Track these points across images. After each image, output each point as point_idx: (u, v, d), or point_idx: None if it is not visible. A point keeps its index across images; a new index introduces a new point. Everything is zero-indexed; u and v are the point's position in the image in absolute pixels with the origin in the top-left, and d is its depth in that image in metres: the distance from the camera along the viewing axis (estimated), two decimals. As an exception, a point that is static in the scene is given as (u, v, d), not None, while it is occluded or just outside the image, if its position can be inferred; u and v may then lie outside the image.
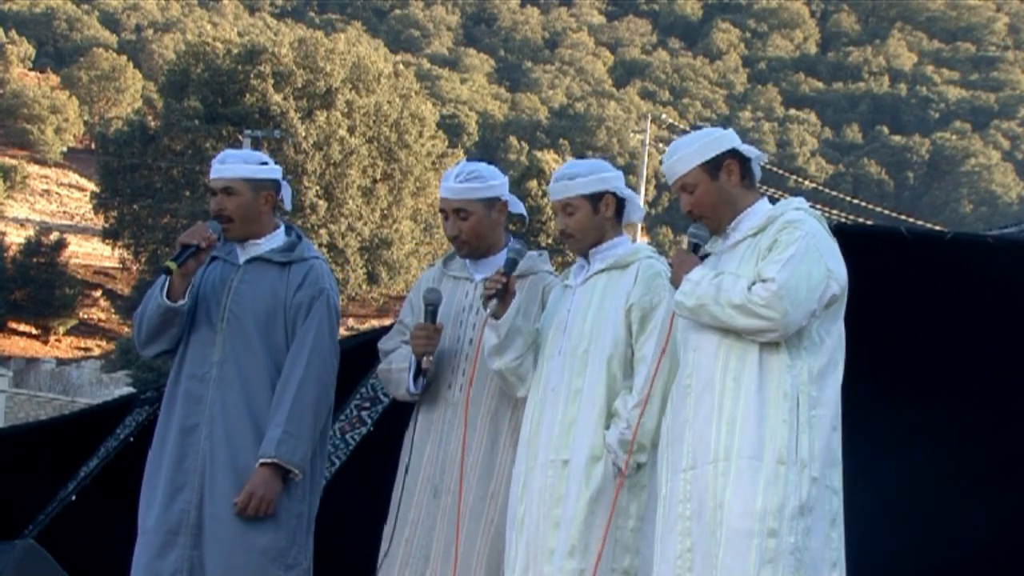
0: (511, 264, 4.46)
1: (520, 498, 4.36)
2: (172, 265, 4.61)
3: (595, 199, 4.45)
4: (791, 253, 3.91)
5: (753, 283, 3.90)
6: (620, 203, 4.51)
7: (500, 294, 4.38)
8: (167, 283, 4.66)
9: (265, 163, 4.85)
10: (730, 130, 4.22)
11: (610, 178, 4.49)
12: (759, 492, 3.83)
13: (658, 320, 4.28)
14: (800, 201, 4.16)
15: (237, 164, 4.78)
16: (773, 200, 4.23)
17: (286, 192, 4.88)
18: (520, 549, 4.31)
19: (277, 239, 4.83)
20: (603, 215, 4.47)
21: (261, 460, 4.57)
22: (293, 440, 4.57)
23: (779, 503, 3.82)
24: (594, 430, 4.28)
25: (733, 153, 4.12)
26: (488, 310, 4.38)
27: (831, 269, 3.97)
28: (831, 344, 4.01)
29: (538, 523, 4.28)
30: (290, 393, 4.61)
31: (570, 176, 4.47)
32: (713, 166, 4.10)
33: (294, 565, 4.66)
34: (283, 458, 4.56)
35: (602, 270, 4.46)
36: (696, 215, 4.14)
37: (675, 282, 4.05)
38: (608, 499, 4.20)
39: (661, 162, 4.23)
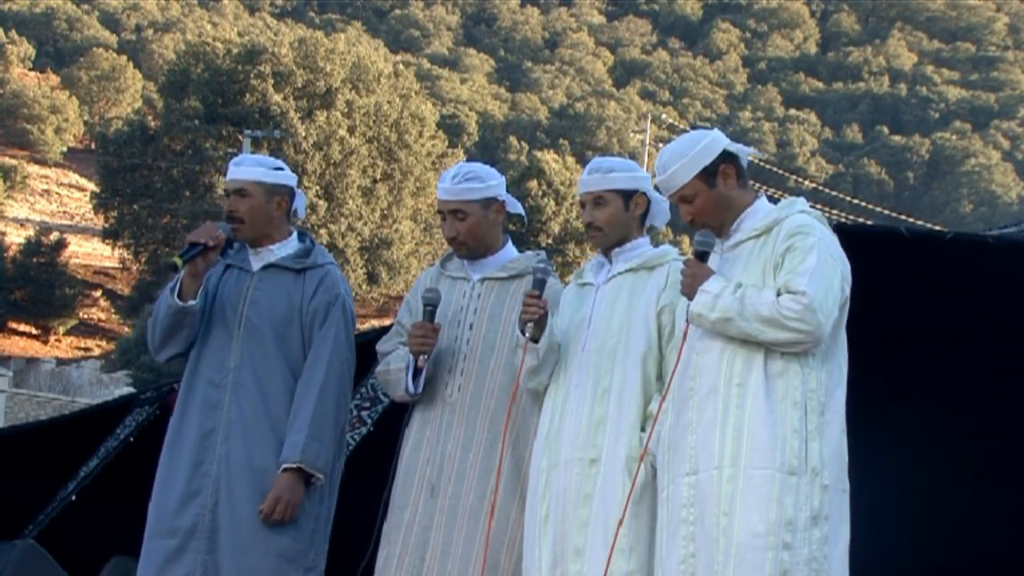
0: (541, 284, 4.41)
1: (542, 496, 4.33)
2: (177, 260, 4.62)
3: (627, 196, 4.45)
4: (813, 263, 3.89)
5: (778, 293, 3.88)
6: (647, 205, 4.51)
7: (541, 318, 4.35)
8: (178, 283, 4.68)
9: (281, 169, 4.88)
10: (716, 131, 4.19)
11: (643, 178, 4.50)
12: (772, 504, 3.81)
13: (683, 321, 4.24)
14: (802, 202, 4.15)
15: (252, 167, 4.83)
16: (773, 200, 4.22)
17: (300, 200, 4.92)
18: (545, 548, 4.28)
19: (291, 245, 4.86)
20: (632, 213, 4.47)
21: (285, 465, 4.59)
22: (317, 445, 4.60)
23: (792, 515, 3.81)
24: (630, 430, 4.24)
25: (725, 156, 4.11)
26: (527, 335, 4.35)
27: (844, 274, 3.97)
28: (837, 348, 4.01)
29: (563, 521, 4.25)
30: (311, 398, 4.63)
31: (606, 169, 4.47)
32: (709, 174, 4.08)
33: (312, 568, 4.69)
34: (308, 462, 4.59)
35: (627, 270, 4.44)
36: (698, 224, 4.12)
37: (689, 293, 4.02)
38: (649, 500, 4.17)
39: (654, 174, 4.22)
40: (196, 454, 4.68)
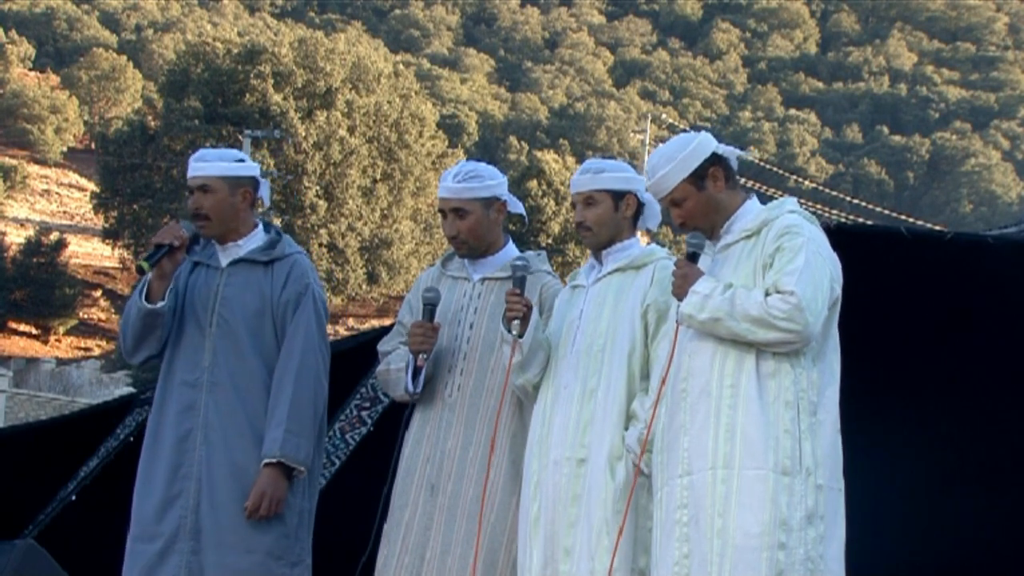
0: (521, 282, 4.45)
1: (533, 497, 4.35)
2: (145, 264, 4.61)
3: (618, 196, 4.47)
4: (802, 262, 3.89)
5: (767, 294, 3.89)
6: (639, 207, 4.52)
7: (524, 316, 4.37)
8: (146, 286, 4.66)
9: (242, 160, 4.84)
10: (705, 133, 4.20)
11: (634, 179, 4.52)
12: (766, 505, 3.82)
13: (673, 321, 4.27)
14: (792, 202, 4.16)
15: (214, 162, 4.78)
16: (770, 200, 4.22)
17: (264, 189, 4.89)
18: (537, 548, 4.30)
19: (257, 238, 4.83)
20: (622, 214, 4.49)
21: (266, 460, 4.58)
22: (296, 438, 4.58)
23: (786, 515, 3.82)
24: (614, 429, 4.27)
25: (714, 158, 4.12)
26: (513, 332, 4.38)
27: (833, 274, 3.98)
28: (829, 347, 4.01)
29: (553, 522, 4.28)
30: (287, 391, 4.62)
31: (597, 170, 4.49)
32: (698, 177, 4.09)
33: (298, 562, 4.68)
34: (288, 456, 4.57)
35: (616, 270, 4.46)
36: (689, 227, 4.14)
37: (679, 294, 4.03)
38: (633, 498, 4.18)
39: (646, 175, 4.23)
40: (175, 457, 4.66)
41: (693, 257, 4.08)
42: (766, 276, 3.95)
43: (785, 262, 3.92)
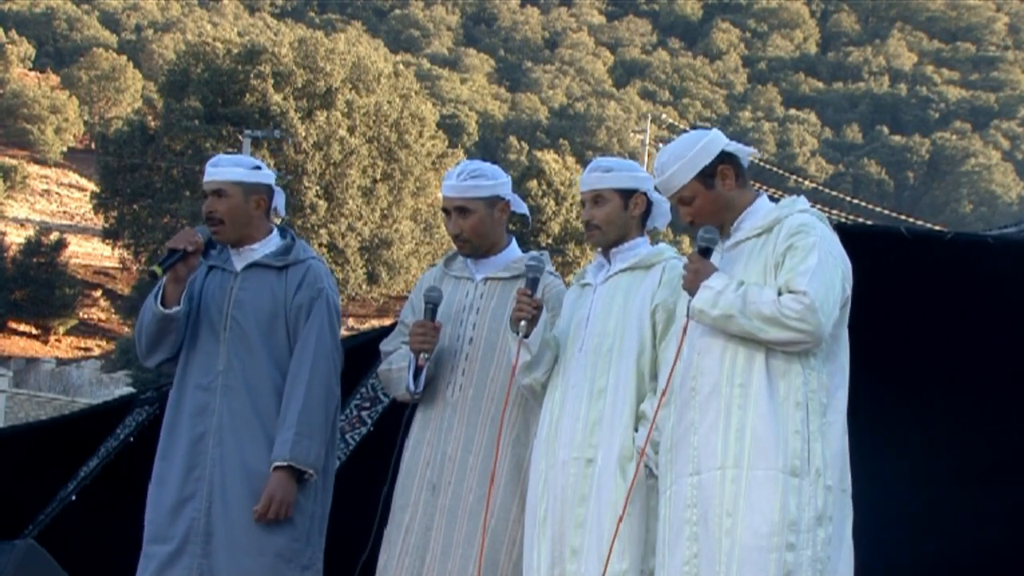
0: (533, 283, 4.45)
1: (541, 497, 4.34)
2: (157, 269, 4.62)
3: (627, 195, 4.46)
4: (814, 262, 3.88)
5: (780, 293, 3.88)
6: (648, 206, 4.52)
7: (533, 318, 4.36)
8: (161, 290, 4.67)
9: (258, 167, 4.86)
10: (716, 130, 4.19)
11: (644, 179, 4.51)
12: (775, 505, 3.81)
13: (682, 318, 4.25)
14: (803, 201, 4.14)
15: (229, 167, 4.80)
16: (773, 200, 4.22)
17: (279, 198, 4.90)
18: (544, 548, 4.30)
19: (272, 243, 4.84)
20: (631, 212, 4.47)
21: (276, 463, 4.59)
22: (306, 441, 4.59)
23: (796, 516, 3.81)
24: (624, 430, 4.25)
25: (724, 156, 4.11)
26: (520, 332, 4.37)
27: (845, 273, 3.97)
28: (840, 348, 4.01)
29: (561, 522, 4.27)
30: (298, 395, 4.63)
31: (606, 168, 4.48)
32: (708, 175, 4.08)
33: (309, 566, 4.69)
34: (298, 460, 4.58)
35: (624, 269, 4.45)
36: (698, 225, 4.11)
37: (691, 289, 4.01)
38: (642, 499, 4.19)
39: (655, 175, 4.22)
40: (188, 459, 4.68)
41: (705, 252, 4.06)
42: (777, 275, 3.94)
43: (797, 262, 3.91)
